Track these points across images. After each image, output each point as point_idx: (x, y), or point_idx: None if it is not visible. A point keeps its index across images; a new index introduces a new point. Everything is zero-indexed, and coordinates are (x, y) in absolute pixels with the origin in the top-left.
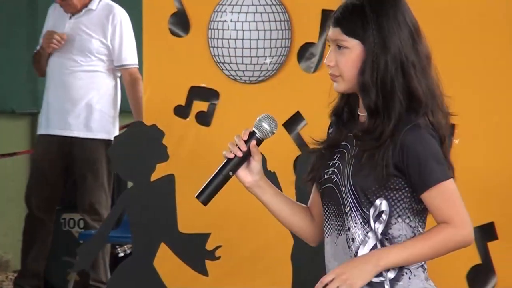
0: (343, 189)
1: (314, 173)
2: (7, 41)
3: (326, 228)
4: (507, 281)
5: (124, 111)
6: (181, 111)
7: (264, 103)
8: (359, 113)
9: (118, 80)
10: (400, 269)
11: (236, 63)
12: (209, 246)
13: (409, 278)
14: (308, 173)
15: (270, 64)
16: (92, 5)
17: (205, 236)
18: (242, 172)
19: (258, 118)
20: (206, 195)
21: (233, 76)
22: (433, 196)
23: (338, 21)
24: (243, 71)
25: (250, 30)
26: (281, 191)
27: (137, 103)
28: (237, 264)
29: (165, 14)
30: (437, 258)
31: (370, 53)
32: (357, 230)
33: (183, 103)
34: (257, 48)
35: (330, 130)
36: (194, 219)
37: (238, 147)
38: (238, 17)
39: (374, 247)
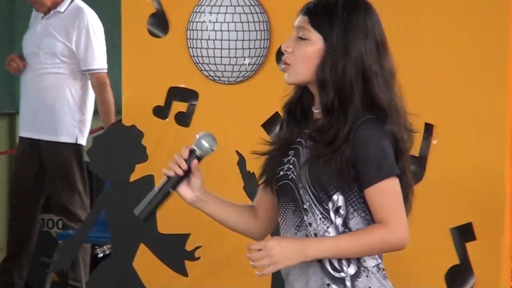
0: (300, 185)
1: (266, 174)
2: None
3: (282, 225)
4: (485, 281)
5: None
6: (160, 112)
7: (243, 103)
8: (314, 110)
9: (89, 82)
10: (357, 267)
11: (215, 64)
12: (189, 246)
13: (367, 276)
14: (260, 174)
15: (249, 64)
16: (61, 7)
17: (184, 237)
18: (183, 189)
19: (197, 136)
20: (147, 213)
21: (212, 76)
22: (375, 193)
23: (308, 11)
24: (222, 71)
25: (229, 30)
26: None
27: (104, 108)
28: (217, 264)
29: (144, 15)
30: (416, 258)
31: (331, 52)
32: (318, 226)
33: (162, 103)
34: (236, 48)
35: (280, 129)
36: (174, 220)
37: (179, 166)
38: (216, 18)
39: None
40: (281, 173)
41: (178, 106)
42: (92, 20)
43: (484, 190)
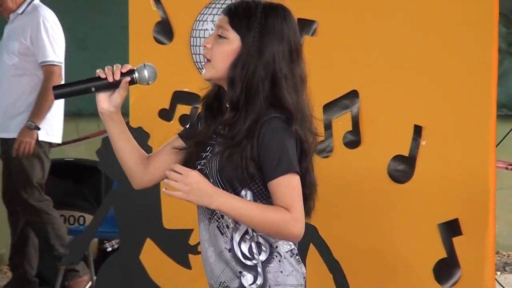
0: (211, 180)
1: (187, 165)
2: None
3: (199, 215)
4: (470, 273)
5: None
6: (165, 114)
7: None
8: (227, 105)
9: None
10: (270, 253)
11: None
12: (192, 241)
13: (279, 261)
14: (183, 164)
15: None
16: (20, 9)
17: (188, 232)
18: (102, 96)
19: (144, 63)
20: (61, 92)
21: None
22: (275, 187)
23: (229, 11)
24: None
25: None
26: None
27: (39, 99)
28: None
29: (150, 23)
30: (406, 252)
31: (245, 52)
32: (228, 218)
33: (167, 106)
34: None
35: (197, 121)
36: (178, 216)
37: (113, 73)
38: None
39: (246, 232)
40: (198, 167)
41: (182, 109)
42: (46, 16)
43: (470, 188)
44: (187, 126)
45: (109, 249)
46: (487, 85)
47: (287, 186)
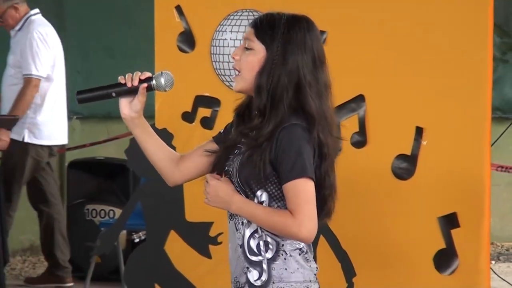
0: (233, 180)
1: (216, 167)
2: None
3: (227, 214)
4: (467, 263)
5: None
6: (188, 117)
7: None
8: (256, 112)
9: (44, 88)
10: (277, 251)
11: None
12: (212, 233)
13: (285, 259)
14: (213, 165)
15: None
16: (17, 26)
17: (208, 225)
18: (124, 102)
19: (162, 71)
20: (84, 97)
21: (232, 86)
22: (288, 190)
23: (255, 24)
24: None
25: None
26: None
27: (15, 105)
28: None
29: (174, 34)
30: (408, 243)
31: (270, 62)
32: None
33: (189, 109)
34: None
35: (225, 129)
36: (200, 210)
37: (132, 79)
38: (236, 36)
39: (256, 230)
40: (226, 168)
41: (203, 112)
42: (35, 32)
43: (467, 184)
44: (222, 131)
45: (137, 240)
46: (482, 90)
47: (297, 190)
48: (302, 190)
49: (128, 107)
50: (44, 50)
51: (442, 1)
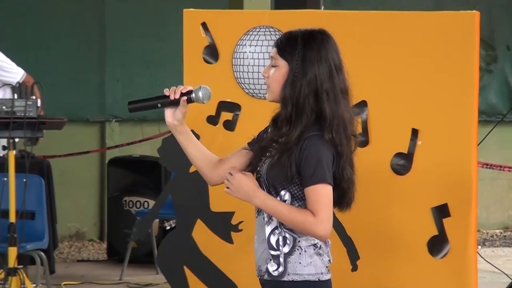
0: (262, 180)
1: (251, 167)
2: (79, 66)
3: (255, 210)
4: (457, 248)
5: None
6: (212, 120)
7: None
8: (281, 121)
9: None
10: (293, 246)
11: (253, 83)
12: (234, 221)
13: (300, 254)
14: (247, 166)
15: None
16: None
17: (230, 214)
18: (168, 112)
19: (201, 86)
20: (134, 106)
21: (251, 93)
22: (309, 192)
23: (277, 44)
24: (258, 89)
25: (264, 58)
26: None
27: None
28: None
29: (200, 47)
30: (406, 230)
31: (292, 74)
32: (264, 213)
33: (213, 113)
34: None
35: (263, 133)
36: (223, 201)
37: (175, 92)
38: (255, 49)
39: (276, 227)
40: (258, 168)
41: (226, 116)
42: None
43: (457, 179)
44: (255, 137)
45: (168, 227)
46: (470, 97)
47: (317, 194)
48: (322, 194)
49: (172, 116)
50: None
51: (436, 20)
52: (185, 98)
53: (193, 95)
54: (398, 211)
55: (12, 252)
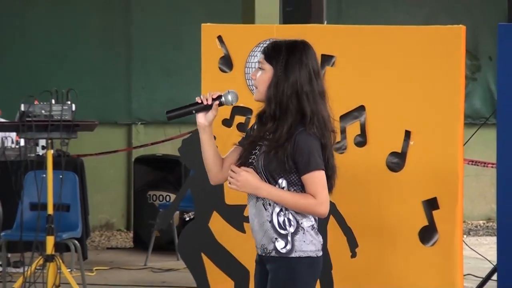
0: (258, 170)
1: (241, 160)
2: (108, 75)
3: (248, 195)
4: (445, 237)
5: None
6: (227, 122)
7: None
8: (268, 117)
9: None
10: (297, 227)
11: None
12: (246, 213)
13: (303, 233)
14: (237, 159)
15: None
16: None
17: (243, 206)
18: (200, 114)
19: (228, 90)
20: (172, 115)
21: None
22: (306, 180)
23: (264, 50)
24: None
25: None
26: None
27: None
28: None
29: (216, 58)
30: (400, 221)
31: (276, 77)
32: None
33: (228, 116)
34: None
35: (251, 130)
36: (236, 195)
37: (207, 99)
38: None
39: (281, 211)
40: (249, 161)
41: (239, 119)
42: None
43: (445, 175)
44: (243, 136)
45: (187, 218)
46: (457, 102)
47: (314, 179)
48: (318, 178)
49: (204, 118)
50: None
51: (426, 33)
52: (217, 102)
53: (223, 99)
54: (392, 204)
55: (50, 240)
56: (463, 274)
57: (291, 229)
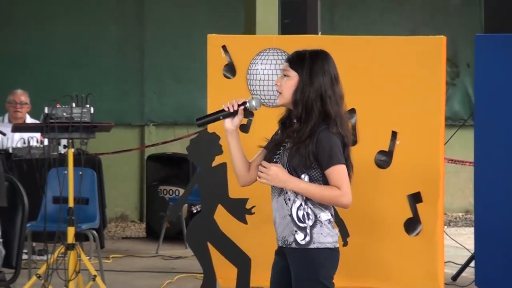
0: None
1: (266, 160)
2: (123, 80)
3: (272, 191)
4: (428, 227)
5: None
6: None
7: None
8: (295, 121)
9: None
10: (315, 220)
11: (264, 95)
12: (248, 206)
13: (321, 226)
14: (264, 159)
15: None
16: None
17: (245, 200)
18: (227, 120)
19: (252, 96)
20: (202, 122)
21: (262, 102)
22: (330, 173)
23: (288, 59)
24: (268, 99)
25: (272, 74)
26: None
27: None
28: (265, 217)
29: (221, 65)
30: (387, 213)
31: (301, 83)
32: (290, 193)
33: None
34: (275, 85)
35: (276, 134)
36: (239, 190)
37: (233, 106)
38: (265, 67)
39: (300, 205)
40: (274, 160)
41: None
42: None
43: (428, 172)
44: (268, 140)
45: (195, 211)
46: (438, 105)
47: (337, 173)
48: (341, 171)
49: (231, 123)
50: None
51: (411, 43)
52: (241, 108)
53: (248, 104)
54: (380, 198)
55: (71, 231)
56: (444, 261)
57: (310, 222)
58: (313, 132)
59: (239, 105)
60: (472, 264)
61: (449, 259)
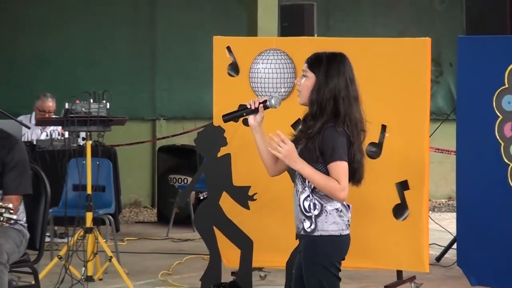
0: None
1: None
2: (136, 79)
3: (294, 185)
4: (414, 212)
5: (202, 117)
6: None
7: (281, 113)
8: (310, 117)
9: None
10: (321, 210)
11: (264, 92)
12: (250, 192)
13: (326, 215)
14: None
15: (284, 92)
16: None
17: (247, 188)
18: (250, 117)
19: (272, 95)
20: (228, 118)
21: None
22: (331, 168)
23: (307, 60)
24: (268, 95)
25: (273, 73)
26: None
27: None
28: (266, 202)
29: (225, 64)
30: (377, 200)
31: (318, 83)
32: (299, 185)
33: None
34: (276, 83)
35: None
36: (242, 178)
37: (254, 103)
38: (266, 66)
39: (308, 197)
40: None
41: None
42: None
43: (414, 161)
44: (293, 135)
45: (201, 197)
46: (424, 101)
47: (337, 168)
48: (341, 167)
49: (253, 120)
50: None
51: (398, 44)
52: (262, 105)
53: (268, 103)
54: (371, 185)
55: (89, 216)
56: (429, 244)
57: (315, 212)
58: (321, 129)
59: (260, 103)
60: (454, 246)
61: (433, 242)
